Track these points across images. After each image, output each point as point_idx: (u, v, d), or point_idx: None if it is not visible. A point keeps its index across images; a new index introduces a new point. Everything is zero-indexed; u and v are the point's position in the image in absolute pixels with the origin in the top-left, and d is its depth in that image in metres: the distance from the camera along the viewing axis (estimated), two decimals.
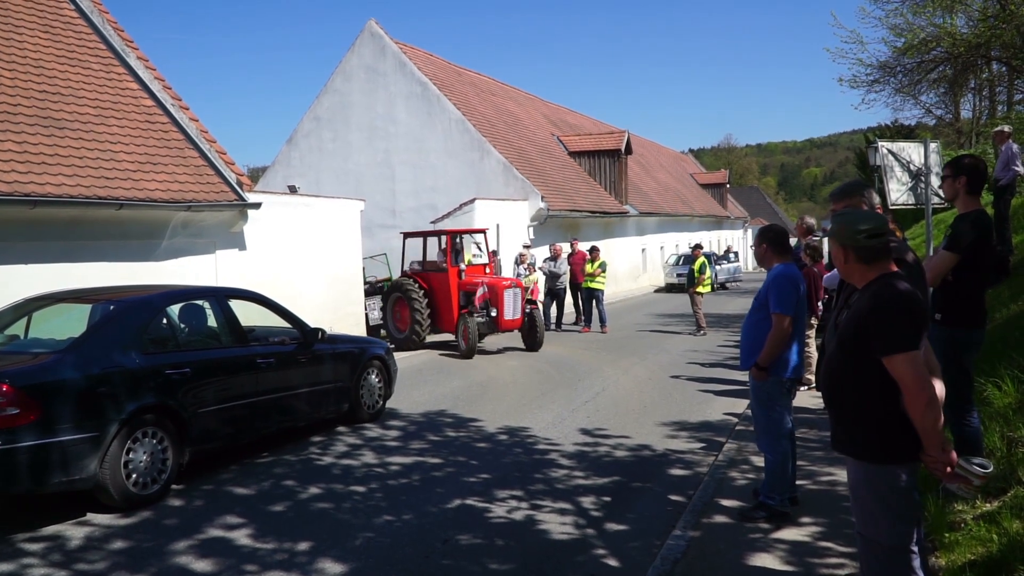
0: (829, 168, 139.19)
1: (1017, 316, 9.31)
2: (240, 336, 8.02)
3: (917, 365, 3.25)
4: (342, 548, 5.68)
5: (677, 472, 7.47)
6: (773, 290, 5.79)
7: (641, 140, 48.70)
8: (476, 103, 29.20)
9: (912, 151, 12.72)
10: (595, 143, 34.05)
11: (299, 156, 27.44)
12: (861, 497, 3.50)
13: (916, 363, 3.25)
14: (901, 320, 3.30)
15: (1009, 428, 5.96)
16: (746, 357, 6.03)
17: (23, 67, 11.51)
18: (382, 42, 26.55)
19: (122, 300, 7.36)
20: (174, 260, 12.22)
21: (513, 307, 15.43)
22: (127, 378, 6.61)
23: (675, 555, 5.23)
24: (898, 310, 3.32)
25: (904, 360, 3.25)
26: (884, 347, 3.30)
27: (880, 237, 3.46)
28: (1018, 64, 18.35)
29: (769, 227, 6.33)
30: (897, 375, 3.27)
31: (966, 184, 5.41)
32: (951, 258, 5.22)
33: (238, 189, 13.01)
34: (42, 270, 10.11)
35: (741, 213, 63.71)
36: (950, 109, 33.61)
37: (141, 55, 13.54)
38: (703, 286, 18.53)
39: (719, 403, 10.46)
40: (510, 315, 15.31)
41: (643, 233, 36.61)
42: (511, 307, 15.38)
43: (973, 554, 4.53)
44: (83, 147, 11.19)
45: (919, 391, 3.23)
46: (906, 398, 3.26)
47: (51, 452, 5.99)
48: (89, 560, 5.54)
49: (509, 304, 15.34)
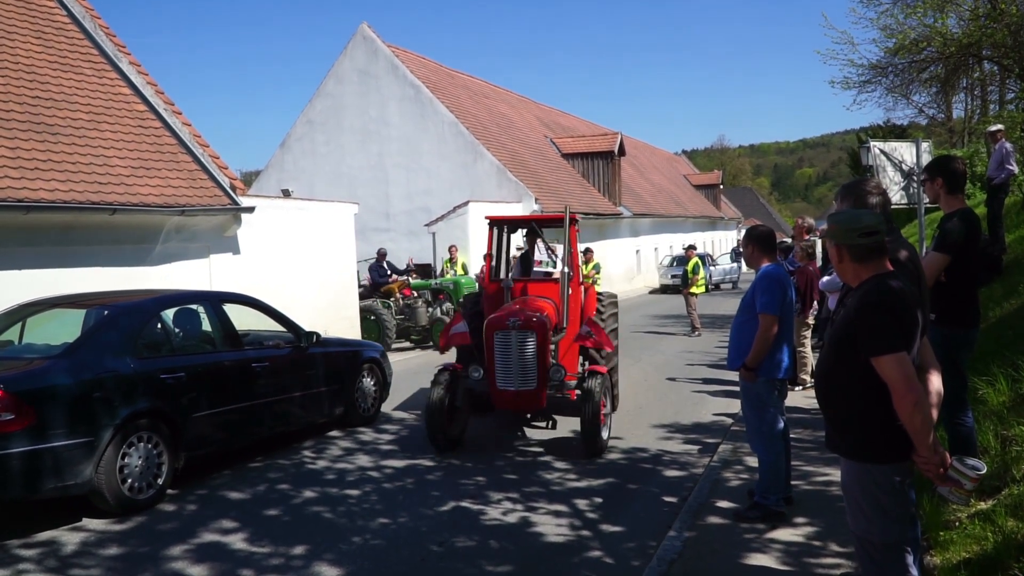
0: (822, 168, 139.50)
1: (1010, 315, 9.34)
2: (234, 340, 8.01)
3: (904, 366, 3.25)
4: (337, 551, 5.68)
5: (672, 473, 7.48)
6: (759, 291, 5.81)
7: (634, 142, 48.79)
8: (469, 106, 29.23)
9: (904, 151, 12.78)
10: (588, 145, 34.12)
11: (292, 160, 27.43)
12: (854, 497, 3.51)
13: (903, 364, 3.25)
14: (887, 320, 3.30)
15: (1003, 426, 5.99)
16: (733, 357, 6.05)
17: (15, 73, 11.47)
18: (374, 45, 26.56)
19: (116, 305, 7.34)
20: (168, 265, 12.20)
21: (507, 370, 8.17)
22: (121, 383, 6.60)
23: (671, 556, 5.23)
24: (884, 311, 3.31)
25: (890, 361, 3.25)
26: (871, 348, 3.30)
27: (875, 236, 3.46)
28: (1009, 63, 18.39)
29: (755, 227, 6.34)
30: (884, 376, 3.27)
31: (944, 185, 5.43)
32: (942, 259, 5.24)
33: (231, 193, 12.99)
34: (36, 275, 10.08)
35: (735, 214, 63.84)
36: (942, 109, 33.68)
37: (133, 60, 13.51)
38: (697, 287, 18.56)
39: (714, 404, 10.47)
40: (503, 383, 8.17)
41: (637, 234, 36.66)
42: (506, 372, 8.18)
43: (968, 552, 4.54)
44: (76, 152, 11.16)
45: (906, 392, 3.23)
46: (894, 399, 3.26)
47: (46, 457, 5.96)
48: (84, 566, 5.52)
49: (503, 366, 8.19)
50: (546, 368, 8.06)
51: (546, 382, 8.07)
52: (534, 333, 8.01)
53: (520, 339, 8.02)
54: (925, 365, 3.52)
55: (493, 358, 8.09)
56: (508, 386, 8.09)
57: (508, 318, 8.09)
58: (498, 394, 8.16)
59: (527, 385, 8.04)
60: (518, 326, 8.03)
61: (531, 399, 8.15)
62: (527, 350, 8.03)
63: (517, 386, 8.06)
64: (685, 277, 18.68)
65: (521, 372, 8.05)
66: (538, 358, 8.00)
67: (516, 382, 8.06)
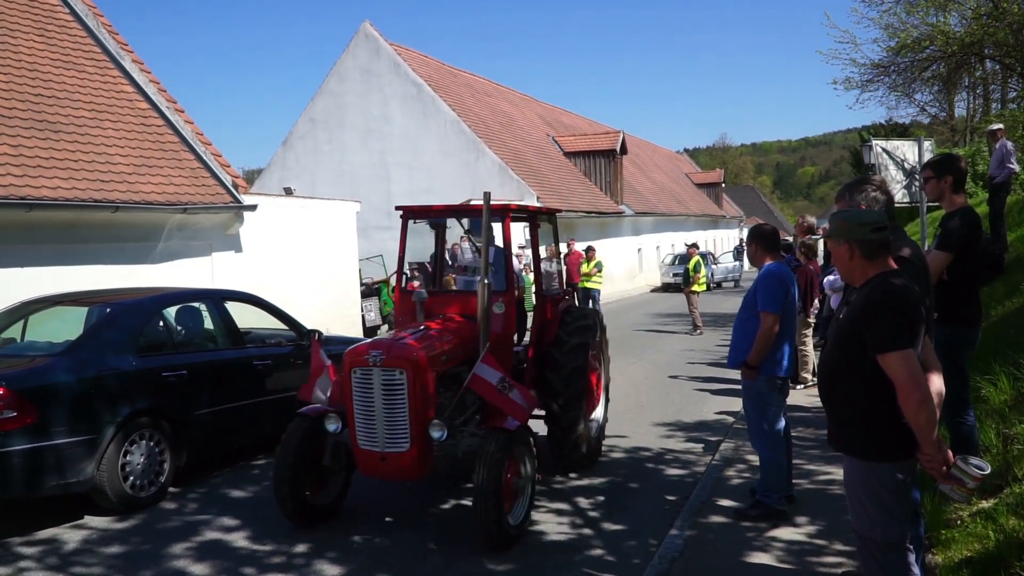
0: (824, 167, 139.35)
1: (1012, 314, 9.34)
2: (236, 338, 8.01)
3: (911, 363, 3.25)
4: (339, 549, 5.68)
5: (674, 472, 7.48)
6: (761, 289, 5.81)
7: (636, 140, 48.76)
8: (471, 104, 29.22)
9: (906, 149, 12.77)
10: (590, 143, 34.08)
11: (295, 158, 27.43)
12: (858, 495, 3.51)
13: (909, 361, 3.25)
14: (894, 318, 3.30)
15: (1005, 425, 5.98)
16: (734, 356, 6.05)
17: (18, 70, 11.48)
18: (377, 44, 26.56)
19: (118, 303, 7.35)
20: (170, 263, 12.21)
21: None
22: (123, 381, 6.60)
23: (673, 554, 5.23)
24: (891, 308, 3.32)
25: (897, 358, 3.25)
26: (877, 345, 3.30)
27: (883, 231, 3.47)
28: (1011, 62, 18.39)
29: (759, 226, 6.35)
30: (891, 373, 3.27)
31: (952, 184, 5.44)
32: (945, 257, 5.24)
33: (234, 191, 13.00)
34: (38, 273, 10.10)
35: (736, 212, 63.79)
36: (944, 107, 33.72)
37: (136, 58, 13.52)
38: (699, 285, 18.55)
39: (716, 402, 10.47)
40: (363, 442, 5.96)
41: (639, 233, 36.64)
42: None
43: (970, 551, 4.54)
44: (78, 150, 11.17)
45: (913, 389, 3.23)
46: (900, 396, 3.26)
47: (47, 455, 5.98)
48: (86, 563, 5.53)
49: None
50: (426, 423, 5.72)
51: (427, 443, 5.76)
52: (403, 373, 5.70)
53: (386, 381, 5.74)
54: (927, 365, 3.52)
55: (352, 406, 5.91)
56: (371, 446, 5.79)
57: (370, 350, 5.83)
58: (360, 455, 5.90)
59: (395, 446, 5.72)
60: (381, 362, 5.73)
61: (403, 466, 5.79)
62: (395, 397, 5.72)
63: (382, 447, 5.75)
64: (687, 276, 18.66)
65: (387, 427, 5.73)
66: (412, 408, 5.70)
67: (380, 441, 5.76)
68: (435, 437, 5.67)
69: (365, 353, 5.81)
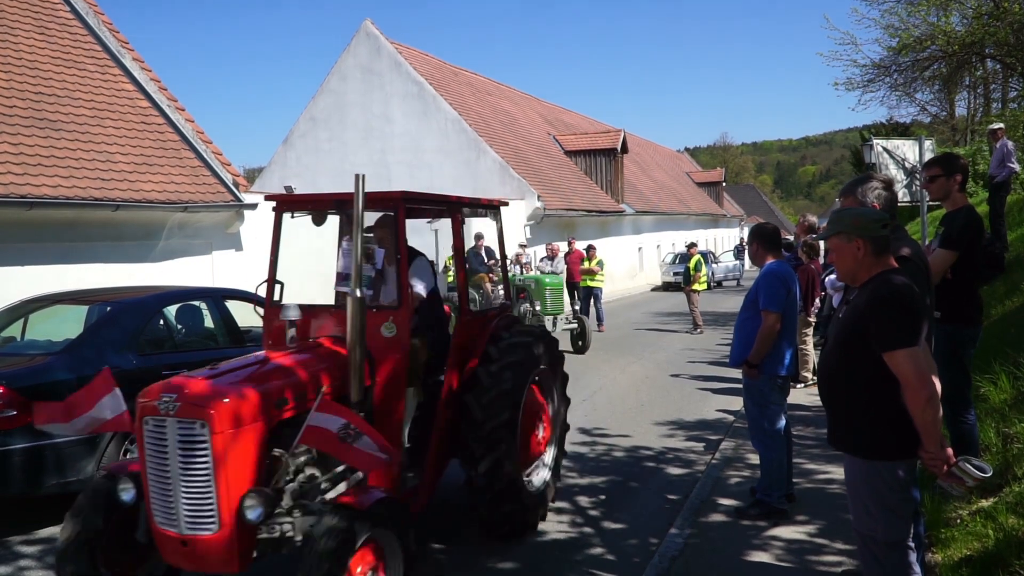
0: (825, 166, 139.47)
1: (1013, 312, 9.34)
2: (237, 337, 8.01)
3: (917, 360, 3.25)
4: None
5: (674, 471, 7.48)
6: (763, 288, 5.81)
7: (637, 139, 48.73)
8: (472, 103, 29.21)
9: (907, 149, 12.75)
10: (591, 142, 34.06)
11: (295, 156, 27.42)
12: (858, 493, 3.51)
13: (917, 358, 3.25)
14: (901, 315, 3.30)
15: (1005, 424, 5.99)
16: (736, 354, 6.06)
17: (18, 69, 11.49)
18: (378, 42, 26.54)
19: (118, 301, 7.35)
20: (170, 261, 12.21)
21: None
22: (123, 380, 6.56)
23: (673, 553, 5.24)
24: (897, 305, 3.31)
25: (905, 355, 3.25)
26: (884, 343, 3.29)
27: (888, 229, 3.49)
28: (1012, 62, 18.39)
29: (760, 225, 6.37)
30: (898, 371, 3.27)
31: (960, 182, 5.44)
32: (950, 255, 5.24)
33: (234, 190, 13.00)
34: (39, 272, 10.10)
35: (737, 211, 63.75)
36: (945, 107, 33.71)
37: (136, 56, 13.52)
38: (699, 284, 18.55)
39: (716, 401, 10.47)
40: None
41: (639, 232, 36.62)
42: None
43: (969, 549, 4.54)
44: (79, 149, 11.18)
45: (920, 387, 3.22)
46: (907, 394, 3.26)
47: (48, 454, 5.98)
48: None
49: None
50: (238, 497, 4.00)
51: (244, 524, 4.00)
52: (205, 426, 4.00)
53: (183, 436, 4.05)
54: None
55: (144, 469, 4.19)
56: (168, 525, 4.09)
57: (162, 393, 4.17)
58: (158, 538, 4.16)
59: (198, 528, 4.04)
60: (175, 411, 4.06)
61: (211, 555, 4.07)
62: (195, 459, 4.03)
63: (181, 528, 4.05)
64: (687, 274, 18.65)
65: (187, 501, 4.04)
66: (218, 477, 4.00)
67: (179, 521, 4.05)
68: (249, 519, 3.95)
69: (156, 397, 4.14)
